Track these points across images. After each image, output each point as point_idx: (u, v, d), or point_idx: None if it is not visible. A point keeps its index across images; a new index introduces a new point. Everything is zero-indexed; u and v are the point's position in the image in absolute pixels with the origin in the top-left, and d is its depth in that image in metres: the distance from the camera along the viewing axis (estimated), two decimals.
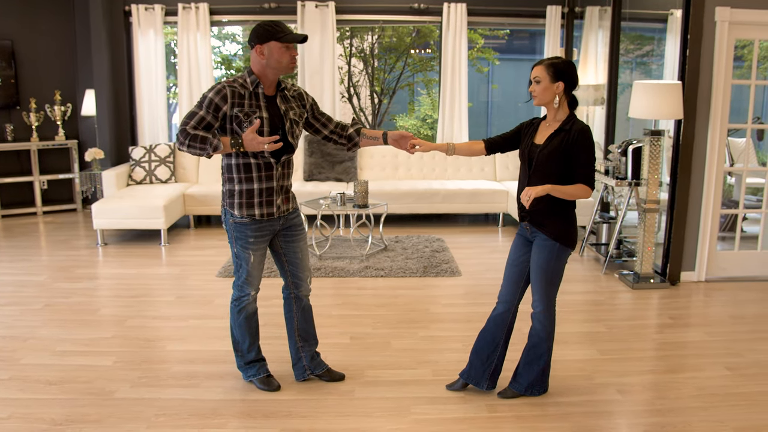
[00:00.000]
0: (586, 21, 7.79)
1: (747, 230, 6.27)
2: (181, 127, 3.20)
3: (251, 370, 3.70)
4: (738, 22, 5.24)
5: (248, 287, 3.55)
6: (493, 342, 3.56)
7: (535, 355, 3.52)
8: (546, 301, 3.42)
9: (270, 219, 3.43)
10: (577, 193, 3.27)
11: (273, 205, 3.41)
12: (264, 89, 3.31)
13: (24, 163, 8.39)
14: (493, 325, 3.56)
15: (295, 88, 3.51)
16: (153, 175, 7.75)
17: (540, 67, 3.30)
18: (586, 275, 5.90)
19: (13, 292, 5.38)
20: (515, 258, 3.52)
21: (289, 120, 3.37)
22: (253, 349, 3.69)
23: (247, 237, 3.42)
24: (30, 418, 3.36)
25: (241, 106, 3.23)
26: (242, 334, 3.64)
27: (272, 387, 3.66)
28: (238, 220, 3.40)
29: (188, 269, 6.03)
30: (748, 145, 6.06)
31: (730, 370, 3.95)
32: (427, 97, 11.75)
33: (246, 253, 3.45)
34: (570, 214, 3.37)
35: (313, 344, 3.78)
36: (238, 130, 3.24)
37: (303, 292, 3.69)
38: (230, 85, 3.24)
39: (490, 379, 3.60)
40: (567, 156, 3.26)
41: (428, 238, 7.01)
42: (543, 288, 3.40)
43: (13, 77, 8.24)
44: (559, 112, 3.33)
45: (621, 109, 6.86)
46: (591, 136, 3.28)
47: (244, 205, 3.37)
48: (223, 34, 11.44)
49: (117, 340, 4.40)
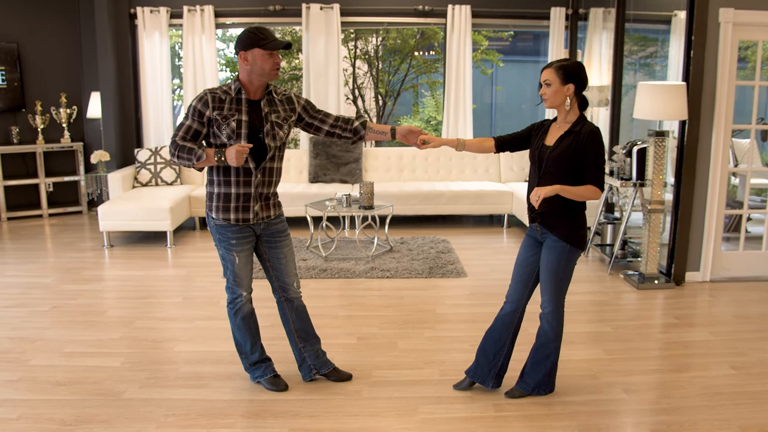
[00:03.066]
0: (590, 22, 7.80)
1: (751, 231, 6.27)
2: (172, 139, 3.31)
3: (257, 371, 3.72)
4: (742, 23, 5.25)
5: (239, 288, 3.58)
6: (499, 341, 3.57)
7: (542, 355, 3.54)
8: (555, 302, 3.44)
9: (245, 224, 3.45)
10: (587, 194, 3.28)
11: (250, 211, 3.42)
12: (248, 94, 3.34)
13: (30, 166, 8.43)
14: (501, 324, 3.58)
15: (284, 92, 3.51)
16: (159, 177, 7.78)
17: (550, 69, 3.30)
18: (592, 276, 5.91)
19: (20, 294, 5.40)
20: (524, 258, 3.54)
21: (269, 122, 3.37)
22: (256, 350, 3.71)
23: (229, 239, 3.46)
24: (40, 419, 3.38)
25: (221, 109, 3.28)
26: (243, 335, 3.67)
27: (280, 387, 3.68)
28: (218, 222, 3.44)
29: (194, 271, 6.06)
30: (753, 146, 6.06)
31: (736, 369, 3.96)
32: (432, 99, 11.78)
33: (230, 254, 3.49)
34: (580, 216, 3.38)
35: (315, 342, 3.79)
36: (217, 132, 3.29)
37: (292, 295, 3.70)
38: (212, 92, 3.31)
39: (495, 377, 3.61)
40: (577, 157, 3.27)
41: (433, 240, 7.03)
42: (552, 289, 3.42)
43: (19, 80, 8.28)
44: (570, 113, 3.33)
45: (625, 111, 6.87)
46: (601, 137, 3.29)
47: (221, 208, 3.40)
48: (228, 36, 11.47)
49: (125, 341, 4.42)
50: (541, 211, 3.35)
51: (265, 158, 3.38)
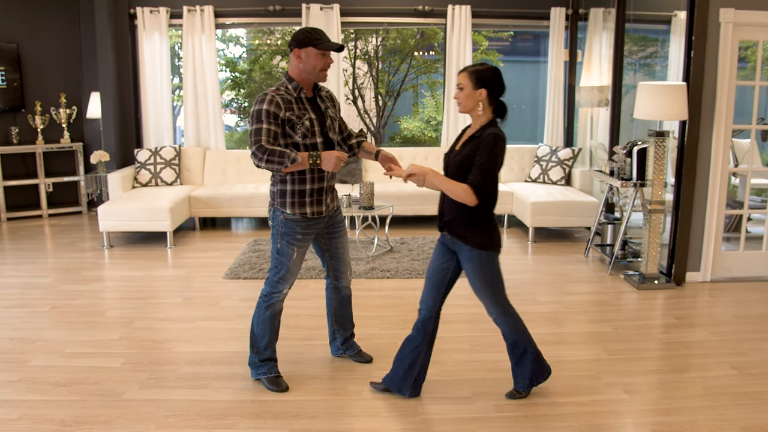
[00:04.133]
0: (590, 23, 7.80)
1: (752, 231, 6.27)
2: (257, 145, 3.32)
3: (263, 368, 3.74)
4: (742, 23, 5.25)
5: (284, 284, 3.65)
6: (416, 348, 3.54)
7: (519, 352, 3.53)
8: (498, 307, 3.43)
9: (319, 217, 3.60)
10: (458, 192, 3.13)
11: (323, 204, 3.59)
12: (306, 93, 3.50)
13: (29, 166, 8.42)
14: (416, 332, 3.54)
15: (326, 89, 3.69)
16: (158, 177, 7.78)
17: (464, 73, 3.25)
18: (592, 276, 5.91)
19: (19, 295, 5.40)
20: (437, 265, 3.51)
21: (329, 118, 3.57)
22: (269, 348, 3.75)
23: (296, 234, 3.56)
24: (39, 420, 3.37)
25: (291, 110, 3.40)
26: (263, 330, 3.71)
27: (280, 387, 3.69)
28: (290, 217, 3.54)
29: (194, 271, 6.05)
30: (753, 146, 6.06)
31: (736, 370, 3.96)
32: (432, 99, 11.78)
33: (291, 249, 3.58)
34: (485, 219, 3.29)
35: (348, 328, 4.07)
36: (291, 132, 3.41)
37: (343, 284, 3.94)
38: (277, 93, 3.40)
39: (413, 386, 3.57)
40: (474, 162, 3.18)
41: (434, 240, 7.02)
42: (489, 298, 3.41)
43: (19, 80, 8.27)
44: (481, 118, 3.26)
45: (625, 111, 6.87)
46: (498, 143, 3.14)
47: (296, 204, 3.52)
48: (228, 36, 11.47)
49: (125, 341, 4.42)
50: (448, 219, 3.34)
51: None
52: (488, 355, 4.17)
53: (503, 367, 3.95)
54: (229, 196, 7.49)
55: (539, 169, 7.97)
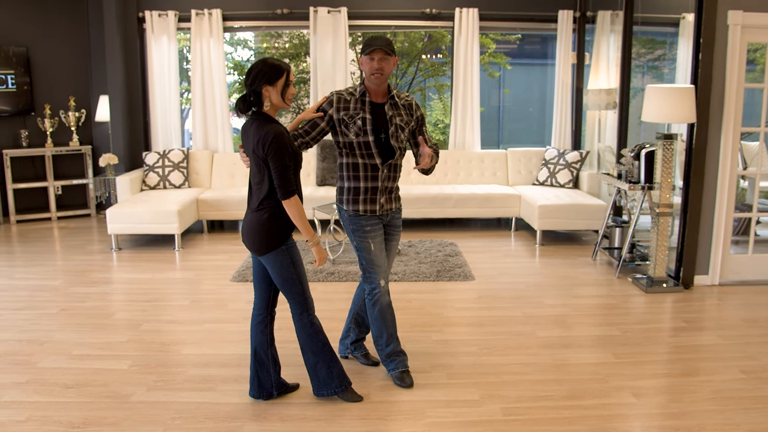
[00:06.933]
0: (597, 25, 7.79)
1: (760, 234, 6.24)
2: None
3: (391, 364, 3.82)
4: (750, 25, 5.23)
5: (376, 276, 3.72)
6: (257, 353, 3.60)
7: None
8: (299, 306, 3.47)
9: (372, 214, 3.70)
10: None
11: (376, 203, 3.69)
12: (371, 96, 3.63)
13: (39, 169, 8.47)
14: (253, 333, 3.59)
15: (407, 97, 3.78)
16: (167, 180, 7.80)
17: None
18: (600, 279, 5.89)
19: (28, 297, 5.43)
20: (256, 270, 3.57)
21: (394, 125, 3.64)
22: (391, 342, 3.81)
23: (363, 227, 3.69)
24: (47, 421, 3.39)
25: (347, 110, 3.59)
26: (378, 327, 3.78)
27: (406, 384, 3.76)
28: (350, 213, 3.71)
29: (202, 274, 6.07)
30: (762, 149, 6.03)
31: (745, 374, 3.94)
32: (439, 102, 11.77)
33: (365, 242, 3.70)
34: (267, 223, 3.34)
35: (363, 331, 4.12)
36: (345, 130, 3.58)
37: None
38: (338, 93, 3.63)
39: (277, 387, 3.63)
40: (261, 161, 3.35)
41: (441, 243, 7.02)
42: (292, 295, 3.44)
43: (28, 83, 8.32)
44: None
45: (633, 113, 6.85)
46: (278, 140, 3.25)
47: (350, 200, 3.69)
48: (236, 40, 11.50)
49: (132, 343, 4.43)
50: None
51: (390, 157, 3.65)
52: (495, 358, 4.16)
53: (511, 370, 3.95)
54: (237, 199, 7.50)
55: (547, 172, 7.96)
